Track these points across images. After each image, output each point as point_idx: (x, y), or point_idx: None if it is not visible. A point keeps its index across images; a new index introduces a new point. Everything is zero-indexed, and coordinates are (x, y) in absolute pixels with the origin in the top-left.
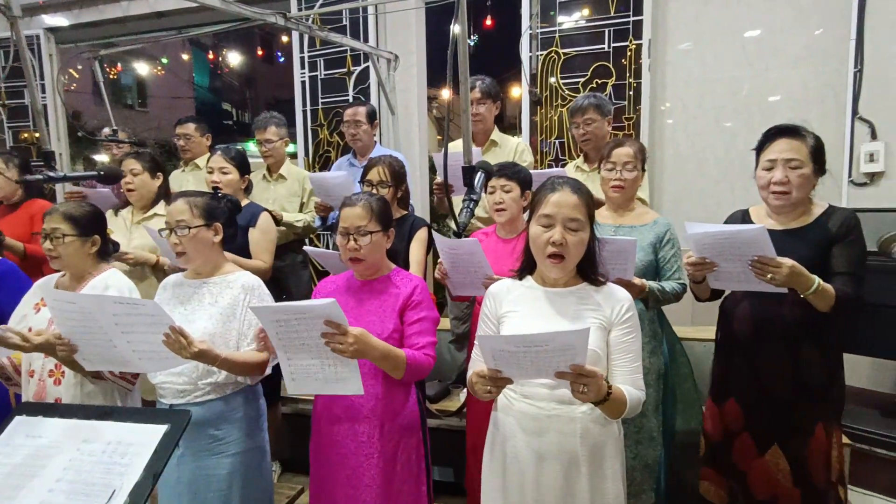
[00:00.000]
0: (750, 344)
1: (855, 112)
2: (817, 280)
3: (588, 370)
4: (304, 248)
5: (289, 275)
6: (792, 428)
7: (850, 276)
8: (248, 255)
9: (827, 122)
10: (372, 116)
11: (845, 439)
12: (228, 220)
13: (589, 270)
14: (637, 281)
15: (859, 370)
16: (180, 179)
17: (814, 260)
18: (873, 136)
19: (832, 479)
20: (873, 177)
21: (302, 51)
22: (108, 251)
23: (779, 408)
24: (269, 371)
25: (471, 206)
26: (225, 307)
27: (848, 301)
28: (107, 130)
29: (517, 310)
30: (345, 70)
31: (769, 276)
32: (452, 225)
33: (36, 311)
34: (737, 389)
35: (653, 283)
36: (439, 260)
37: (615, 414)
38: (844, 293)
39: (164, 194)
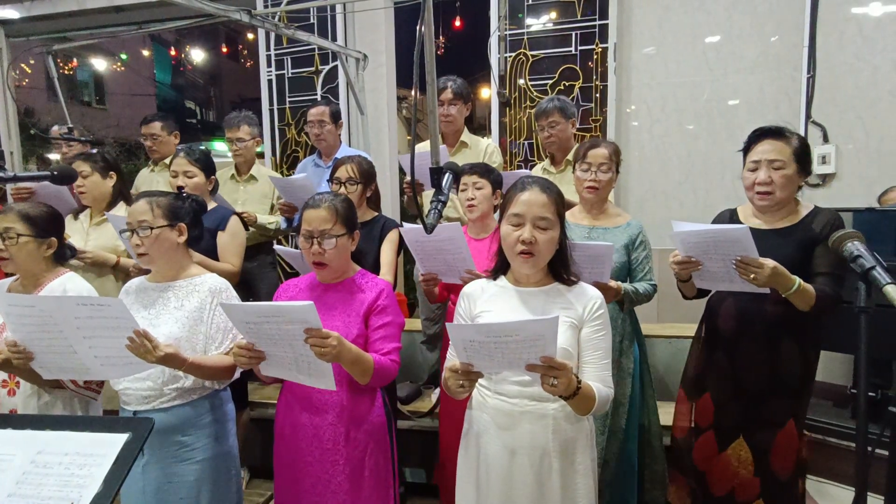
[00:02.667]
0: (732, 340)
1: (808, 116)
2: (798, 280)
3: (558, 363)
4: (275, 247)
5: (257, 276)
6: (762, 420)
7: (830, 276)
8: (216, 258)
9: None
10: (336, 116)
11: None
12: (193, 220)
13: (561, 270)
14: (613, 284)
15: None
16: (149, 180)
17: (799, 259)
18: (825, 139)
19: (795, 471)
20: (825, 178)
21: (268, 49)
22: (64, 255)
23: (751, 401)
24: (237, 375)
25: (439, 207)
26: (191, 311)
27: (828, 300)
28: (57, 128)
29: (491, 309)
30: (313, 69)
31: (751, 276)
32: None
33: None
34: (713, 384)
35: (627, 286)
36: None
37: (583, 410)
38: (824, 293)
39: (123, 195)
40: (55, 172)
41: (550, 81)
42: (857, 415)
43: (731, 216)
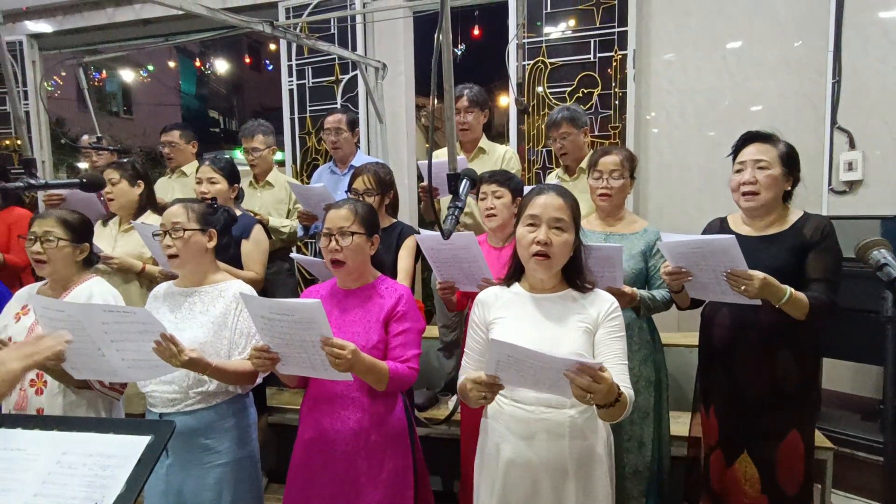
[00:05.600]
0: (728, 350)
1: (834, 122)
2: (789, 291)
3: (599, 376)
4: (292, 255)
5: (275, 283)
6: (762, 433)
7: (824, 283)
8: (239, 267)
9: (805, 132)
10: (353, 124)
11: (827, 443)
12: (223, 229)
13: (575, 276)
14: (627, 289)
15: (841, 374)
16: (166, 187)
17: (789, 266)
18: (851, 145)
19: (804, 485)
20: (852, 185)
21: (290, 59)
22: (92, 260)
23: (751, 413)
24: (260, 380)
25: (455, 213)
26: (217, 316)
27: (822, 307)
28: (86, 137)
29: (505, 315)
30: (333, 78)
31: (742, 288)
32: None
33: (16, 321)
34: (715, 396)
35: (643, 292)
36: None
37: (615, 417)
38: (818, 300)
39: (150, 203)
40: (84, 180)
41: (569, 89)
42: (885, 428)
43: (720, 224)
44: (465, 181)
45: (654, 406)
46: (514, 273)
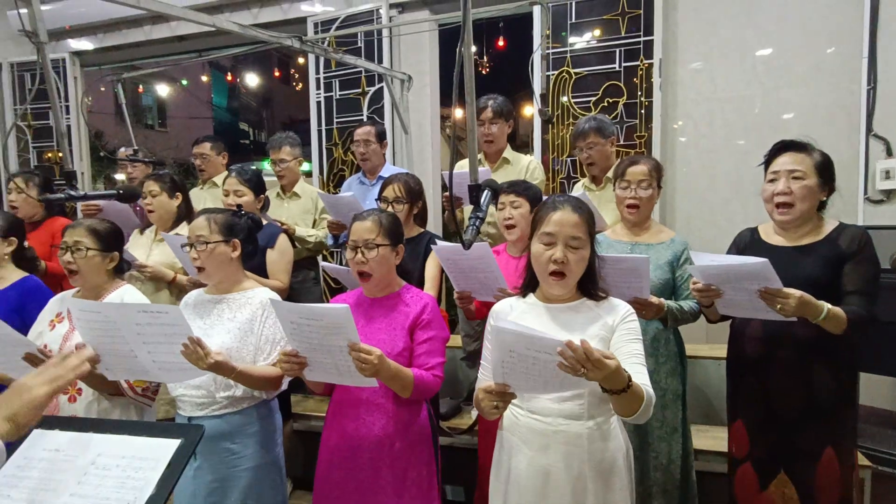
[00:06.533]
0: (761, 363)
1: (869, 129)
2: (826, 307)
3: (595, 358)
4: (323, 264)
5: (301, 291)
6: (798, 451)
7: (861, 295)
8: (265, 275)
9: (839, 140)
10: (382, 136)
11: (865, 461)
12: (248, 236)
13: (589, 286)
14: (654, 299)
15: (879, 390)
16: (198, 197)
17: (823, 277)
18: (888, 152)
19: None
20: (889, 194)
21: (318, 72)
22: (122, 268)
23: (786, 430)
24: (284, 386)
25: (476, 223)
26: (243, 323)
27: (860, 321)
28: (123, 150)
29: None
30: (359, 90)
31: (778, 306)
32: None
33: (51, 329)
34: (744, 411)
35: (670, 302)
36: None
37: (631, 409)
38: (857, 314)
39: (188, 214)
40: (120, 191)
41: (594, 98)
42: None
43: (751, 235)
44: (486, 192)
45: (681, 421)
46: (529, 283)
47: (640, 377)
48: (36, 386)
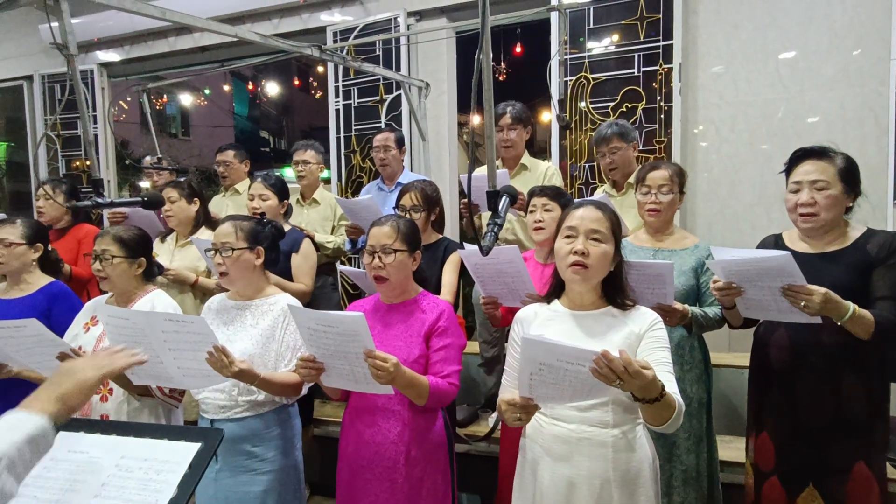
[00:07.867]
0: (787, 373)
1: None
2: (852, 306)
3: (634, 369)
4: (341, 268)
5: (320, 297)
6: (828, 467)
7: (891, 301)
8: (290, 279)
9: (867, 144)
10: (401, 142)
11: (894, 474)
12: (272, 244)
13: (615, 293)
14: (678, 306)
15: None
16: (220, 204)
17: (851, 284)
18: None
19: None
20: None
21: (336, 80)
22: (152, 273)
23: (815, 444)
24: (304, 392)
25: (495, 229)
26: (265, 329)
27: (889, 326)
28: (148, 158)
29: (544, 332)
30: (377, 98)
31: (802, 304)
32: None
33: (86, 331)
34: (770, 423)
35: (695, 309)
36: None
37: (662, 419)
38: (885, 318)
39: (206, 219)
40: (146, 199)
41: (612, 104)
42: None
43: (776, 241)
44: (504, 198)
45: (706, 430)
46: (555, 290)
47: (670, 385)
48: (87, 369)
